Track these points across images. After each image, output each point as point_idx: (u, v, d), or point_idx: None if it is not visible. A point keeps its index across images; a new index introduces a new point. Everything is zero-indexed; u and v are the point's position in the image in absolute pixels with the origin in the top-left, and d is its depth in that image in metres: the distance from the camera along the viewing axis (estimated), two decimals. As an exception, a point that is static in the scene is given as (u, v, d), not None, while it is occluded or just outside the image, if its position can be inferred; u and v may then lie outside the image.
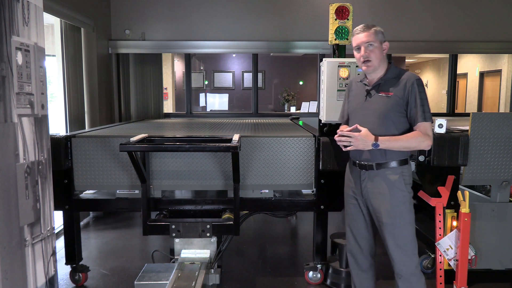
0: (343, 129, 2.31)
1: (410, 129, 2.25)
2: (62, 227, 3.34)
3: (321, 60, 2.85)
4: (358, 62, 2.32)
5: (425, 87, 2.23)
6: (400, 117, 2.24)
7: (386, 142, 2.19)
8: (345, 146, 2.25)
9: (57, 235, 3.96)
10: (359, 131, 2.21)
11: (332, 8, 2.93)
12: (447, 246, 2.80)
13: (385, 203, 2.27)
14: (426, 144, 2.21)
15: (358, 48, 2.28)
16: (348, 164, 2.50)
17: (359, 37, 2.26)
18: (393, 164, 2.26)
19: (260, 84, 10.28)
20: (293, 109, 8.41)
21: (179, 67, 9.44)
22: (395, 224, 2.27)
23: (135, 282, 2.37)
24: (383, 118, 2.24)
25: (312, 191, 3.07)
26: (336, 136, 2.28)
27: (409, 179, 2.30)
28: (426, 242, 3.31)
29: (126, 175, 2.93)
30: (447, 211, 2.80)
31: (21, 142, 1.94)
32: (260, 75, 10.33)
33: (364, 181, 2.35)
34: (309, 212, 3.53)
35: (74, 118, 4.45)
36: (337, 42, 2.98)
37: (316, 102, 7.41)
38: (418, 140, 2.19)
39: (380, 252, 3.91)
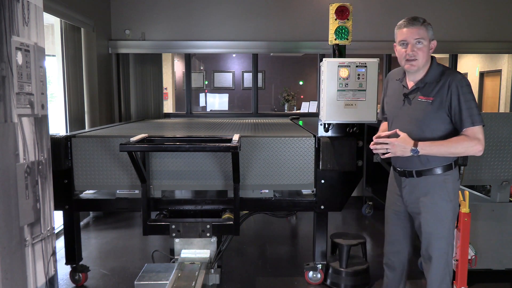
0: (381, 134, 2.12)
1: (455, 135, 2.04)
2: (62, 227, 3.34)
3: (321, 60, 2.85)
4: (399, 58, 2.09)
5: (470, 86, 2.02)
6: (442, 124, 2.04)
7: (427, 148, 1.98)
8: (383, 154, 2.06)
9: (57, 235, 3.96)
10: (398, 136, 2.03)
11: (332, 8, 2.93)
12: (447, 246, 2.80)
13: (427, 213, 2.13)
14: (475, 149, 1.98)
15: (404, 44, 2.04)
16: (391, 168, 2.35)
17: (406, 31, 2.01)
18: (436, 170, 2.08)
19: (260, 84, 10.27)
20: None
21: (179, 67, 9.44)
22: (438, 234, 2.13)
23: (135, 282, 2.37)
24: (424, 125, 2.06)
25: (312, 191, 3.07)
26: (371, 144, 2.10)
27: (453, 185, 2.12)
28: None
29: (126, 175, 2.93)
30: (447, 211, 2.80)
31: (21, 142, 1.94)
32: (260, 75, 10.33)
33: (405, 188, 2.21)
34: (309, 212, 3.52)
35: (74, 118, 4.45)
36: (337, 42, 2.98)
37: (316, 102, 7.41)
38: (465, 145, 1.97)
39: (380, 252, 3.92)
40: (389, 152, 2.04)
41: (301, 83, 10.93)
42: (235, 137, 2.73)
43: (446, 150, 2.01)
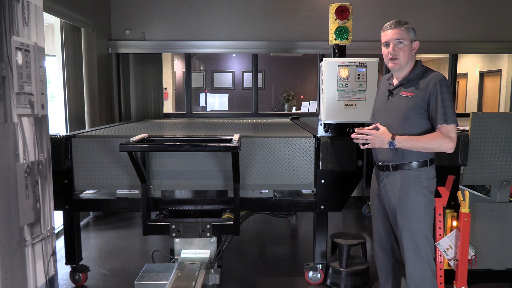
0: (362, 128, 2.28)
1: (433, 131, 2.16)
2: (62, 227, 3.34)
3: (321, 60, 2.85)
4: (384, 58, 2.26)
5: (450, 87, 2.14)
6: (420, 119, 2.16)
7: (403, 142, 2.12)
8: (363, 144, 2.22)
9: (57, 235, 3.96)
10: (379, 129, 2.17)
11: (332, 8, 2.93)
12: (447, 246, 2.80)
13: (400, 205, 2.22)
14: (447, 146, 2.09)
15: (387, 44, 2.21)
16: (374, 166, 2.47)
17: (388, 33, 2.19)
18: (411, 165, 2.19)
19: (260, 84, 10.27)
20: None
21: (179, 67, 9.44)
22: (409, 227, 2.21)
23: (135, 282, 2.37)
24: (403, 119, 2.18)
25: (312, 191, 3.07)
26: (353, 134, 2.25)
27: (428, 182, 2.21)
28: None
29: (126, 175, 2.93)
30: (447, 211, 2.80)
31: (21, 142, 1.94)
32: (260, 75, 10.33)
33: (382, 182, 2.32)
34: (309, 212, 3.53)
35: (74, 118, 4.45)
36: (337, 42, 2.98)
37: (316, 102, 7.41)
38: (438, 142, 2.09)
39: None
40: (368, 143, 2.20)
41: (301, 83, 10.92)
42: (235, 137, 2.73)
43: (420, 145, 2.13)
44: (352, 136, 2.25)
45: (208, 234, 2.75)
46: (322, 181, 2.96)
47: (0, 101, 1.79)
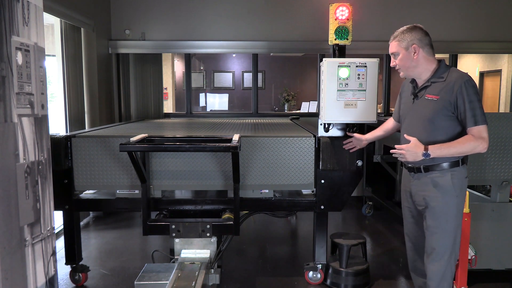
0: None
1: (461, 132, 2.16)
2: (62, 227, 3.34)
3: (321, 60, 2.85)
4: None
5: (475, 87, 2.13)
6: (448, 121, 2.15)
7: (437, 151, 2.11)
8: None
9: (57, 235, 3.96)
10: (409, 141, 2.17)
11: (332, 8, 2.93)
12: (447, 246, 2.80)
13: (431, 206, 2.21)
14: (481, 148, 2.09)
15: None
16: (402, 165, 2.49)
17: (389, 46, 2.28)
18: (442, 165, 2.18)
19: (260, 84, 10.27)
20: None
21: (179, 67, 9.44)
22: (441, 229, 2.20)
23: (135, 282, 2.37)
24: (429, 123, 2.17)
25: (312, 191, 3.07)
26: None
27: (460, 182, 2.20)
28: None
29: (126, 175, 2.93)
30: (447, 211, 2.80)
31: (21, 142, 1.94)
32: (260, 75, 10.33)
33: (413, 183, 2.31)
34: (309, 212, 3.52)
35: (74, 118, 4.45)
36: (337, 42, 2.98)
37: (316, 102, 7.41)
38: (471, 145, 2.08)
39: (380, 252, 3.92)
40: (405, 158, 2.21)
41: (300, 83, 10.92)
42: (235, 137, 2.73)
43: (455, 151, 2.12)
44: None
45: (208, 234, 2.75)
46: (322, 181, 2.96)
47: (0, 101, 1.79)
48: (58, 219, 3.26)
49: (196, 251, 2.82)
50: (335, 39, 2.96)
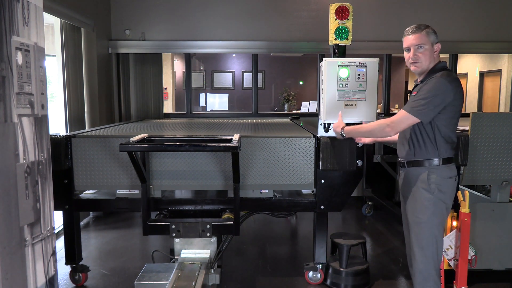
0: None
1: (446, 132, 2.19)
2: (62, 227, 3.34)
3: (321, 60, 2.85)
4: (406, 62, 2.29)
5: (442, 89, 2.11)
6: None
7: (352, 131, 2.37)
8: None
9: (57, 235, 3.96)
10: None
11: (332, 8, 2.93)
12: (447, 246, 2.80)
13: (411, 201, 2.29)
14: (388, 130, 2.16)
15: (408, 49, 2.24)
16: None
17: (409, 38, 2.21)
18: (423, 163, 2.24)
19: (260, 84, 10.27)
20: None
21: (179, 67, 9.44)
22: (418, 223, 2.25)
23: (135, 282, 2.37)
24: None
25: (312, 191, 3.07)
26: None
27: (439, 180, 2.22)
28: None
29: (126, 175, 2.93)
30: (447, 211, 2.80)
31: (21, 142, 1.94)
32: (260, 75, 10.33)
33: (400, 177, 2.41)
34: (309, 212, 3.53)
35: (74, 118, 4.45)
36: (337, 42, 2.97)
37: (316, 102, 7.41)
38: (381, 126, 2.18)
39: (380, 252, 3.92)
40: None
41: (301, 83, 10.92)
42: (235, 137, 2.73)
43: (365, 130, 2.33)
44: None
45: (208, 234, 2.75)
46: (322, 181, 2.96)
47: (0, 101, 1.79)
48: (58, 219, 3.26)
49: (196, 251, 2.82)
50: (335, 39, 2.96)
